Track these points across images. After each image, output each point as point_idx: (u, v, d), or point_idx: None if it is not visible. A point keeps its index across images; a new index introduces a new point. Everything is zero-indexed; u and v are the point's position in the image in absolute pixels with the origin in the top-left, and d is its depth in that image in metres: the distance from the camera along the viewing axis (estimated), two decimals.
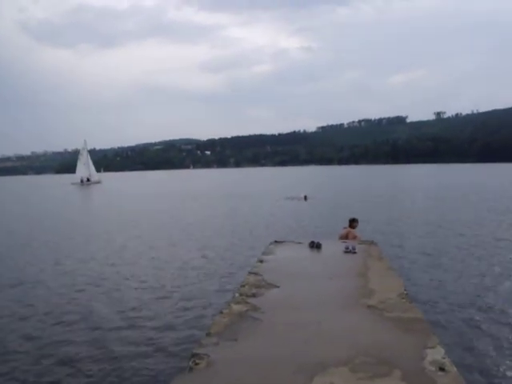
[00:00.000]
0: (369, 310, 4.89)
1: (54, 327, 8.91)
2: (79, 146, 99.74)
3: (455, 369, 3.47)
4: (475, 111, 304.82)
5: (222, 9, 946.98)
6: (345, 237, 10.54)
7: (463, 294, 10.26)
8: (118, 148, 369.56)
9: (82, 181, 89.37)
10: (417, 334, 4.15)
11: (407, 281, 9.59)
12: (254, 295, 5.62)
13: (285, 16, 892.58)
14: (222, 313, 5.03)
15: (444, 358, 3.63)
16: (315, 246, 8.66)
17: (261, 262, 7.58)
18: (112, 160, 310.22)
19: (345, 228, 11.13)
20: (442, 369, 3.44)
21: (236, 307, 5.16)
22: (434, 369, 3.44)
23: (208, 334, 4.40)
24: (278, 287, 5.96)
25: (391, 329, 4.31)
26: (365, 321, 4.59)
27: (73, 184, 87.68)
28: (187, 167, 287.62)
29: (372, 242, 9.25)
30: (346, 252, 8.07)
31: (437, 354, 3.72)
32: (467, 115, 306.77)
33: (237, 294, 5.71)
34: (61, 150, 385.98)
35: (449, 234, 18.95)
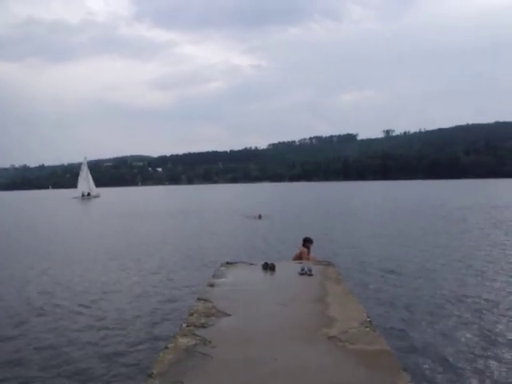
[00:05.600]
0: (330, 341, 4.42)
1: None
2: (27, 162, 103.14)
3: None
4: (422, 130, 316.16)
5: (174, 27, 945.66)
6: (299, 257, 10.10)
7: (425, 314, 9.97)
8: (68, 165, 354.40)
9: (83, 195, 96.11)
10: (385, 371, 3.70)
11: (366, 302, 9.24)
12: (203, 326, 5.06)
13: (236, 35, 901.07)
14: (166, 348, 4.44)
15: None
16: (269, 267, 8.19)
17: (211, 285, 7.02)
18: (61, 177, 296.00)
19: (299, 248, 10.67)
20: None
21: (183, 341, 4.58)
22: None
23: (150, 376, 3.81)
24: (230, 315, 5.42)
25: (356, 365, 3.85)
26: (326, 355, 4.11)
27: (74, 198, 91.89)
28: (137, 184, 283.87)
29: (329, 263, 8.83)
30: (301, 274, 7.62)
31: None
32: (415, 133, 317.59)
33: (184, 325, 5.13)
34: (7, 166, 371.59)
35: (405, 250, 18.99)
